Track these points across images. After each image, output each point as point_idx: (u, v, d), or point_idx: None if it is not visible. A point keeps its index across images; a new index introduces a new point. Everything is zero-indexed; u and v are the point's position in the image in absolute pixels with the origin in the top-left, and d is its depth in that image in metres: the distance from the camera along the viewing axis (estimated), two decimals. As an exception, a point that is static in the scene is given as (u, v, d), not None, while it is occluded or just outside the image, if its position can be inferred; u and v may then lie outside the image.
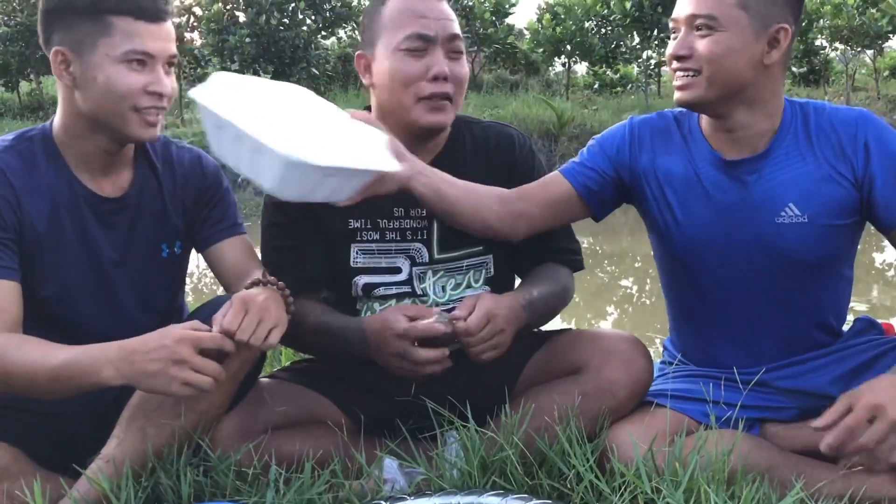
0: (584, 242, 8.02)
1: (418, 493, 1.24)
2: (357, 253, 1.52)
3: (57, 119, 1.41)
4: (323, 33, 11.62)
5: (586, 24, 12.91)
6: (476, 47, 13.01)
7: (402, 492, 1.27)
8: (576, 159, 1.58)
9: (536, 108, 10.51)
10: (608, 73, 14.31)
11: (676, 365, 1.64)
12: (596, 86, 14.55)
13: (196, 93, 1.25)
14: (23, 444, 1.33)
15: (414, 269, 1.52)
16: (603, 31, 13.18)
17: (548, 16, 13.17)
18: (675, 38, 1.42)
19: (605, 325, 4.78)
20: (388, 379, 1.40)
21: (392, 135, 1.44)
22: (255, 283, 1.31)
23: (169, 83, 1.36)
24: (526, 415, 1.32)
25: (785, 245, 1.42)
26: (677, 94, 1.43)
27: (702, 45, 1.37)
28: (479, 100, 11.61)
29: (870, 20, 11.87)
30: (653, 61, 13.60)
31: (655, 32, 12.69)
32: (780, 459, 1.37)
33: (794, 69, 14.35)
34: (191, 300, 2.26)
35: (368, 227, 1.51)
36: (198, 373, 1.18)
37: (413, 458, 1.35)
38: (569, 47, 13.02)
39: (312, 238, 1.51)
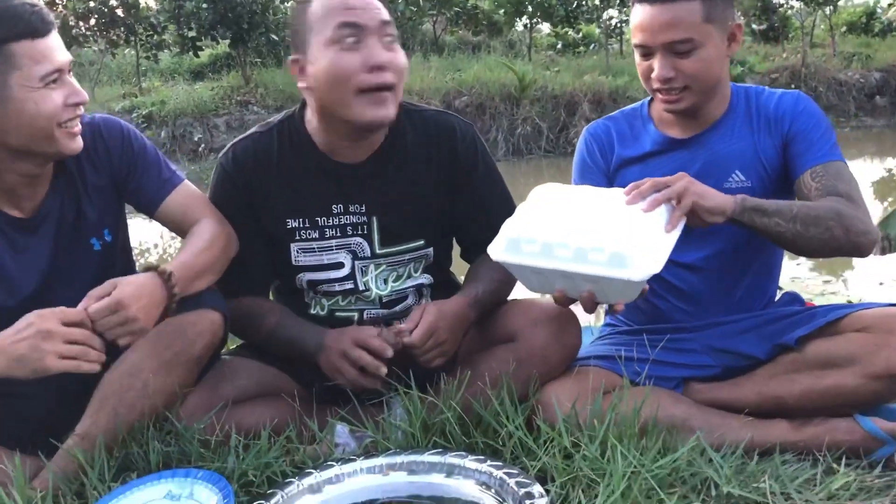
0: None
1: (367, 454, 1.36)
2: (298, 252, 1.56)
3: None
4: (280, -3, 11.40)
5: (548, -16, 12.84)
6: (437, 10, 12.87)
7: (352, 454, 1.38)
8: None
9: (498, 71, 10.32)
10: (570, 33, 14.28)
11: (613, 327, 1.78)
12: (558, 46, 14.52)
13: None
14: None
15: (356, 262, 1.57)
16: (564, -10, 13.13)
17: (509, -25, 13.06)
18: (646, 59, 1.52)
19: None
20: None
21: (334, 138, 1.50)
22: (146, 270, 1.33)
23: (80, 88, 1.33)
24: (463, 381, 1.43)
25: None
26: (669, 107, 1.55)
27: (686, 64, 1.48)
28: (441, 63, 11.42)
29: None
30: (614, 20, 13.61)
31: (616, -8, 12.72)
32: (695, 412, 1.50)
33: (753, 26, 14.45)
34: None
35: (307, 226, 1.55)
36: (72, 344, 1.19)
37: (362, 423, 1.46)
38: (530, 8, 12.96)
39: (255, 239, 1.56)
